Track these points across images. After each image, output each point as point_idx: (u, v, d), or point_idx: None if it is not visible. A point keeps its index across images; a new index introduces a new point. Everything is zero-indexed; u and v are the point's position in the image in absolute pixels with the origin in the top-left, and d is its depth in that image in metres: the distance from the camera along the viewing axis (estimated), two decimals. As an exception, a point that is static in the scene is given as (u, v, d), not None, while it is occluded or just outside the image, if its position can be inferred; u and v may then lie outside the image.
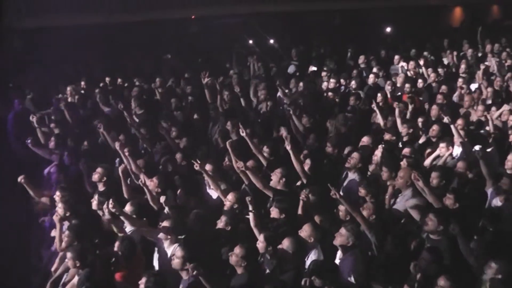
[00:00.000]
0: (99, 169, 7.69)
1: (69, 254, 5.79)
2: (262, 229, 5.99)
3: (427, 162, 8.07)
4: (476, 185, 7.31)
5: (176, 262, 5.52)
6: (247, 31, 15.76)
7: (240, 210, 6.55)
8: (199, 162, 7.07)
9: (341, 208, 6.34)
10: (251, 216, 6.10)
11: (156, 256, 6.32)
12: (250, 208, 6.06)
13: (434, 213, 5.91)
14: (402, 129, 8.86)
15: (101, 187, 7.55)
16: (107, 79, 12.63)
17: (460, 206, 6.42)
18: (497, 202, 6.85)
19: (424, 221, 5.95)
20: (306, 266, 5.65)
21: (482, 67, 11.89)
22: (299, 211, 6.41)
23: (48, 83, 12.33)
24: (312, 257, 5.75)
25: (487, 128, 8.81)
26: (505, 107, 9.46)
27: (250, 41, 15.47)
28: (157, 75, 12.49)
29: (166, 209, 6.59)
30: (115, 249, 5.92)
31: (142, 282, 5.22)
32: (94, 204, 7.03)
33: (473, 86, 11.52)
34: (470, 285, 5.35)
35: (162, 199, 6.61)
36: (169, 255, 6.00)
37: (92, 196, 7.29)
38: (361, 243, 5.78)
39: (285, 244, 5.55)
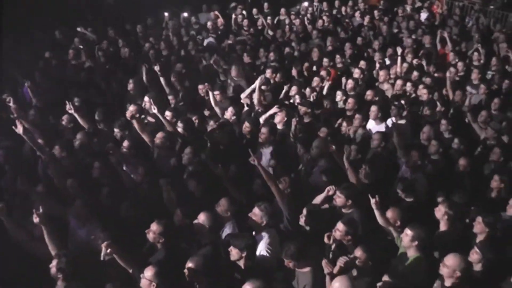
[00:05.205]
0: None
1: None
2: (177, 203, 5.96)
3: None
4: (390, 156, 7.56)
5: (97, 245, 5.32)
6: (163, 3, 15.29)
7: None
8: None
9: (258, 181, 6.38)
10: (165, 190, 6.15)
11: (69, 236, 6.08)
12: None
13: (340, 189, 6.03)
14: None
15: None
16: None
17: (375, 178, 6.63)
18: (407, 173, 7.11)
19: (333, 198, 6.09)
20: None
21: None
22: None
23: None
24: (226, 231, 5.72)
25: (402, 101, 9.01)
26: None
27: (166, 14, 14.98)
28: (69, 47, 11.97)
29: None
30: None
31: (53, 264, 4.98)
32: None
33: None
34: (384, 255, 5.49)
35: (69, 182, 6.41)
36: (83, 234, 5.87)
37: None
38: (275, 221, 5.79)
39: (201, 218, 5.48)
